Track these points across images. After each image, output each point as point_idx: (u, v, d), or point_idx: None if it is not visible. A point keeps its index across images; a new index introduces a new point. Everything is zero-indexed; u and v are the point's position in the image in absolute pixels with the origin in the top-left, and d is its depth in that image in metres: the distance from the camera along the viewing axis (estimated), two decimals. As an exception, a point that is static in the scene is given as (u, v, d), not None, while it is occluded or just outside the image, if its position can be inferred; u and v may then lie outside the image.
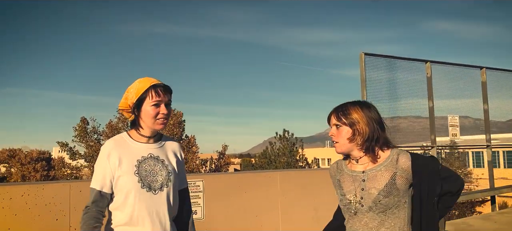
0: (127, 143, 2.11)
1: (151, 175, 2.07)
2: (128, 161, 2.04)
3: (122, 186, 2.01)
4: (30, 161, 43.62)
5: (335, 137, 2.01)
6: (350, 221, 1.99)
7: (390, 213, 1.89)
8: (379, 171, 1.94)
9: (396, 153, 1.96)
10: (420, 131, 7.80)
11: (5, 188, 4.01)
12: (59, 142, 24.46)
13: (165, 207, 2.08)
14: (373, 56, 7.10)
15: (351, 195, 1.97)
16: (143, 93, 2.07)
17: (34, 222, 3.96)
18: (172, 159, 2.20)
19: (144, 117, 2.09)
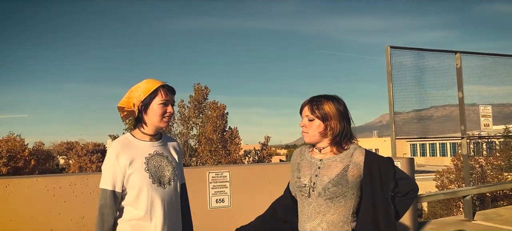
0: (133, 142, 2.20)
1: (160, 171, 2.19)
2: (137, 159, 2.14)
3: (134, 183, 2.11)
4: (86, 153, 46.02)
5: (306, 128, 2.12)
6: (301, 204, 2.14)
7: (337, 201, 2.02)
8: (334, 161, 2.07)
9: (353, 148, 2.10)
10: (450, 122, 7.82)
11: (55, 178, 4.62)
12: (111, 135, 25.77)
13: (174, 199, 2.24)
14: (399, 49, 7.21)
15: (306, 179, 2.10)
16: (152, 92, 2.18)
17: (80, 208, 4.53)
18: (175, 156, 2.34)
19: (150, 114, 2.19)
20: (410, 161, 6.43)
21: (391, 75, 6.95)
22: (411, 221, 6.21)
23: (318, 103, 2.11)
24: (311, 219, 2.05)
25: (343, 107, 2.12)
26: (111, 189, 2.09)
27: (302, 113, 2.16)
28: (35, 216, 4.37)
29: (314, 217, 2.04)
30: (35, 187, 4.44)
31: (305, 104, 2.15)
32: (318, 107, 2.10)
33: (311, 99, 2.15)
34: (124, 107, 2.24)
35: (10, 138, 38.37)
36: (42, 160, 40.40)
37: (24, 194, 4.38)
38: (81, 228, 4.50)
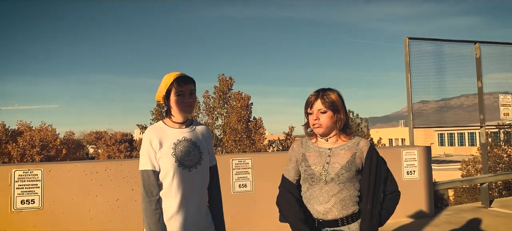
0: (164, 129, 2.40)
1: (186, 155, 2.35)
2: (166, 144, 2.34)
3: (163, 165, 2.31)
4: (115, 143, 47.13)
5: (319, 121, 2.26)
6: (310, 189, 2.30)
7: (347, 185, 2.23)
8: (343, 149, 2.28)
9: (359, 138, 2.34)
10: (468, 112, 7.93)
11: (92, 164, 5.05)
12: (139, 125, 26.50)
13: (199, 182, 2.39)
14: (418, 40, 7.35)
15: (317, 167, 2.27)
16: (169, 86, 2.36)
17: (115, 191, 4.95)
18: (203, 141, 2.49)
19: (173, 105, 2.39)
20: (426, 149, 6.63)
21: (409, 66, 7.12)
22: (428, 207, 6.43)
23: (327, 95, 2.26)
24: (324, 202, 2.23)
25: (342, 98, 2.32)
26: (151, 168, 2.30)
27: (313, 107, 2.29)
28: (75, 198, 4.81)
29: (327, 199, 2.22)
30: (75, 172, 4.88)
31: (316, 98, 2.28)
32: (328, 99, 2.25)
33: (319, 92, 2.30)
34: (159, 101, 2.45)
35: (42, 128, 39.71)
36: (73, 149, 41.66)
37: (65, 178, 4.82)
38: (116, 209, 4.92)
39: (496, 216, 6.36)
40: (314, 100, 2.28)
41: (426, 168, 6.50)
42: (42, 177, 4.72)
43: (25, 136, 36.78)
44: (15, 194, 4.61)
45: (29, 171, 4.68)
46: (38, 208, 4.68)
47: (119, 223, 4.92)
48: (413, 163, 6.39)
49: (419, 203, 6.41)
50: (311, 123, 2.30)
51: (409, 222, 6.07)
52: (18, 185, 4.63)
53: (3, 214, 4.56)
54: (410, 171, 6.37)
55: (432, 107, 7.55)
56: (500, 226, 5.74)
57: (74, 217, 4.78)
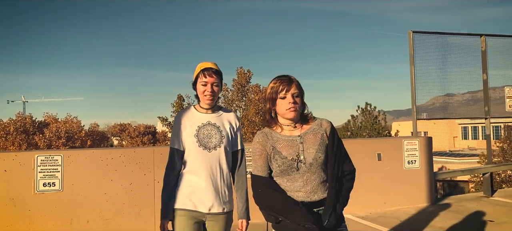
0: (192, 113, 2.65)
1: (207, 138, 2.56)
2: (191, 127, 2.58)
3: (186, 145, 2.57)
4: (138, 135, 48.09)
5: (295, 107, 2.23)
6: (290, 180, 2.24)
7: (324, 166, 2.24)
8: (312, 133, 2.28)
9: (320, 119, 2.35)
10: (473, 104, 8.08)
11: (108, 151, 5.48)
12: (160, 117, 27.15)
13: (217, 163, 2.56)
14: (422, 33, 7.54)
15: (293, 156, 2.22)
16: (197, 74, 2.60)
17: (129, 176, 5.36)
18: (227, 126, 2.66)
19: (198, 93, 2.62)
20: (428, 140, 6.84)
21: (413, 58, 7.32)
22: (428, 195, 6.66)
23: (297, 81, 2.30)
24: (305, 189, 2.21)
25: None
26: (176, 147, 2.58)
27: (289, 91, 2.24)
28: (92, 182, 5.24)
29: (309, 184, 2.21)
30: (91, 158, 5.31)
31: (291, 82, 2.26)
32: (299, 84, 2.31)
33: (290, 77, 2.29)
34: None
35: (68, 120, 40.84)
36: (97, 141, 42.68)
37: (83, 163, 5.26)
38: (129, 192, 5.33)
39: (495, 205, 6.54)
40: (289, 84, 2.25)
41: (427, 158, 6.72)
42: (62, 162, 5.16)
43: (51, 127, 37.94)
44: (38, 177, 5.06)
45: (50, 157, 5.14)
46: (58, 191, 5.13)
47: (132, 205, 5.33)
48: (414, 153, 6.62)
49: (419, 191, 6.64)
50: (286, 106, 2.23)
51: (409, 208, 6.31)
52: (40, 169, 5.08)
53: (28, 195, 5.02)
54: (411, 161, 6.60)
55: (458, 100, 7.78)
56: (496, 213, 5.94)
57: (91, 199, 5.22)
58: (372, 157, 6.48)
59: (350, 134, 22.79)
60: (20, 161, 5.05)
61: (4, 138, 36.20)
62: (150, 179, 5.43)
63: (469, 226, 5.44)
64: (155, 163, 5.46)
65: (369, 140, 8.78)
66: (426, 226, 5.42)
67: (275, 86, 2.26)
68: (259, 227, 5.45)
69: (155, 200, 5.40)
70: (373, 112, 23.41)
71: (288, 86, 2.25)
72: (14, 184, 5.00)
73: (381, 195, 6.43)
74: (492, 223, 5.47)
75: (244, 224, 2.65)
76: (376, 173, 6.45)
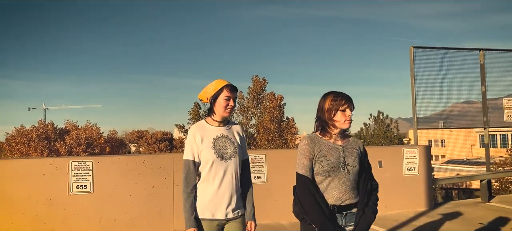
0: (205, 126, 2.81)
1: (223, 149, 2.76)
2: (207, 139, 2.75)
3: (204, 157, 2.72)
4: (155, 141, 48.89)
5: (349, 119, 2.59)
6: (328, 179, 2.55)
7: (358, 175, 2.59)
8: (351, 146, 2.63)
9: (354, 138, 2.73)
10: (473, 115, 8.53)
11: (132, 157, 6.13)
12: (177, 125, 27.94)
13: (233, 171, 2.79)
14: (424, 48, 8.04)
15: (336, 160, 2.54)
16: (220, 90, 2.77)
17: (151, 179, 5.99)
18: (237, 137, 2.89)
19: (217, 106, 2.78)
20: (426, 148, 7.34)
21: (414, 72, 7.83)
22: (427, 200, 7.14)
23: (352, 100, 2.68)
24: (342, 191, 2.53)
25: None
26: (191, 159, 2.73)
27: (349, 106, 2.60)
28: (119, 184, 5.89)
29: (344, 188, 2.53)
30: (118, 163, 5.96)
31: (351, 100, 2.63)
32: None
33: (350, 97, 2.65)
34: (202, 100, 2.89)
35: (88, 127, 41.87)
36: (116, 147, 43.63)
37: (111, 168, 5.91)
38: (151, 195, 5.96)
39: (489, 210, 6.98)
40: (349, 101, 2.60)
41: (426, 165, 7.20)
42: (93, 167, 5.82)
43: (72, 134, 38.98)
44: (72, 180, 5.73)
45: (83, 162, 5.80)
46: (90, 192, 5.78)
47: (154, 205, 5.96)
48: (413, 160, 7.12)
49: (418, 196, 7.13)
50: (345, 119, 2.58)
51: (408, 212, 6.81)
52: (74, 173, 5.75)
53: (63, 196, 5.69)
54: (411, 168, 7.10)
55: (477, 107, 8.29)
56: (488, 217, 6.40)
57: (117, 200, 5.86)
58: (373, 164, 6.99)
59: (363, 141, 23.24)
60: (57, 166, 5.72)
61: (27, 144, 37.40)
62: (170, 183, 6.05)
63: (460, 228, 5.92)
64: (174, 168, 6.08)
65: (371, 147, 9.29)
66: (421, 228, 5.92)
67: (338, 100, 2.58)
68: (266, 227, 6.04)
69: (174, 201, 6.02)
70: (385, 121, 23.84)
71: (349, 103, 2.60)
72: (51, 186, 5.67)
73: (382, 199, 6.84)
74: (482, 225, 5.95)
75: (252, 225, 2.91)
76: (377, 179, 6.94)
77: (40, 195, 5.63)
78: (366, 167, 2.65)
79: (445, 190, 31.20)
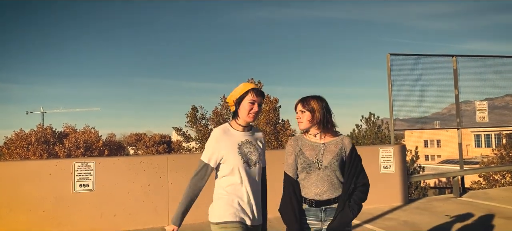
0: (230, 131, 2.77)
1: (249, 155, 2.73)
2: (233, 145, 2.71)
3: (230, 162, 2.68)
4: (154, 144, 49.46)
5: (300, 119, 2.78)
6: (307, 176, 2.74)
7: (337, 172, 2.72)
8: (333, 144, 2.77)
9: (343, 136, 2.85)
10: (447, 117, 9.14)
11: (130, 158, 6.72)
12: (175, 127, 28.46)
13: (257, 177, 2.80)
14: (399, 55, 8.67)
15: (313, 158, 2.73)
16: (245, 93, 2.73)
17: (147, 178, 6.59)
18: (260, 144, 2.88)
19: (241, 109, 2.74)
20: (402, 148, 7.96)
21: (391, 78, 8.46)
22: (402, 195, 7.76)
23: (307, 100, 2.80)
24: (320, 186, 2.70)
25: (324, 102, 2.81)
26: (206, 162, 2.70)
27: (296, 108, 2.83)
28: (118, 183, 6.49)
29: (322, 184, 2.70)
30: (118, 164, 6.56)
31: (299, 102, 2.82)
32: (307, 103, 2.79)
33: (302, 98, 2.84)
34: (229, 103, 2.85)
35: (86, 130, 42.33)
36: (114, 150, 44.11)
37: (111, 168, 6.51)
38: (148, 192, 6.56)
39: (458, 204, 7.61)
40: (297, 104, 2.82)
41: (401, 164, 7.83)
42: (94, 167, 6.42)
43: (71, 137, 39.45)
44: (75, 179, 6.32)
45: (85, 163, 6.40)
46: (91, 190, 6.38)
47: (150, 202, 6.56)
48: (389, 159, 7.74)
49: (394, 192, 7.75)
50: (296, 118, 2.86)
51: (384, 206, 7.42)
52: (77, 173, 6.34)
53: (67, 194, 6.28)
54: (386, 166, 7.72)
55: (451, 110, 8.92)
56: (456, 210, 7.02)
57: (117, 197, 6.46)
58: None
59: (355, 142, 23.87)
60: (62, 166, 6.32)
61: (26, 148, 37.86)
62: (165, 181, 6.66)
63: (428, 219, 6.53)
64: (169, 168, 6.69)
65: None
66: (392, 219, 6.54)
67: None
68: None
69: (168, 199, 6.62)
70: (377, 122, 24.49)
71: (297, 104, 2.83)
72: (57, 185, 6.26)
73: (360, 195, 7.55)
74: (448, 217, 6.57)
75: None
76: (356, 177, 7.58)
77: (47, 193, 6.22)
78: (352, 164, 2.74)
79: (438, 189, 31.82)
